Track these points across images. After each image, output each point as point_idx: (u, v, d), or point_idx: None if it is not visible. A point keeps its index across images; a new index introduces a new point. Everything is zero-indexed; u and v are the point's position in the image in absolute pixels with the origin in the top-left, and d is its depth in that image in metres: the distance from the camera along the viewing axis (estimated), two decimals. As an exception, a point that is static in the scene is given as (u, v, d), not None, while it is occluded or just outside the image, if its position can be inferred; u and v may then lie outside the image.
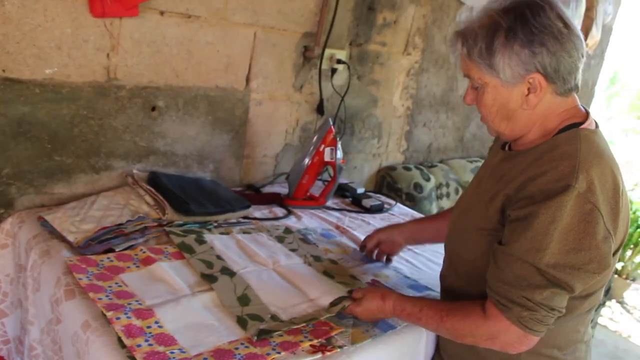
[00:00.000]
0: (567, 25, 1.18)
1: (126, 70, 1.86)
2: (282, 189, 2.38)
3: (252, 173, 2.42)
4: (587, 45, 2.96)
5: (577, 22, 1.39)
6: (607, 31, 4.05)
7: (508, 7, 1.20)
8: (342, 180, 2.52)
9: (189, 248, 1.64)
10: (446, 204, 3.18)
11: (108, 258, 1.53)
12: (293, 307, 1.44)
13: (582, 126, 1.25)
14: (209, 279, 1.49)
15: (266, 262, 1.66)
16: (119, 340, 1.20)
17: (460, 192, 3.29)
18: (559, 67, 1.19)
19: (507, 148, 1.40)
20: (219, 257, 1.63)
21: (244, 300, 1.43)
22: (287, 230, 1.94)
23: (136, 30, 1.83)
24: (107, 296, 1.34)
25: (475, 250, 1.35)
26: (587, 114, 1.29)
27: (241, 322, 1.33)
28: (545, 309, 1.17)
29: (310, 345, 1.30)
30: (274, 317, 1.38)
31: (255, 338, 1.27)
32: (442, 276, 1.56)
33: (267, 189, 2.38)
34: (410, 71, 2.93)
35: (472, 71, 1.26)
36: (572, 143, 1.22)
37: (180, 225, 1.78)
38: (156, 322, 1.28)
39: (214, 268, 1.56)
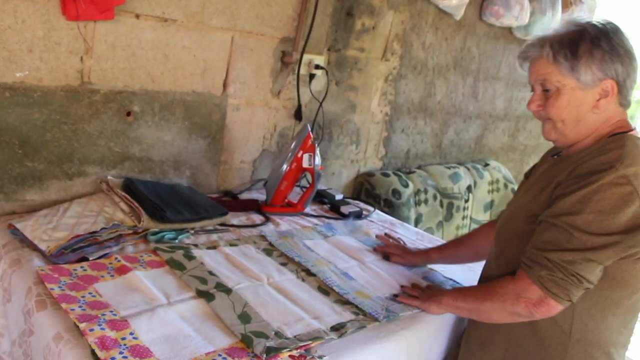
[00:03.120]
0: (632, 48, 1.36)
1: (100, 74, 1.82)
2: (259, 195, 2.35)
3: (230, 179, 2.39)
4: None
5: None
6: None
7: (591, 22, 1.37)
8: (321, 186, 2.50)
9: (178, 265, 1.60)
10: (424, 210, 3.18)
11: (81, 267, 1.49)
12: (295, 322, 1.42)
13: (630, 133, 1.39)
14: (205, 296, 1.46)
15: (260, 277, 1.63)
16: (93, 353, 1.16)
17: (439, 198, 3.30)
18: (627, 79, 1.36)
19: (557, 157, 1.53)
20: (211, 273, 1.59)
21: (245, 318, 1.40)
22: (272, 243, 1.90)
23: (111, 33, 1.80)
24: (80, 307, 1.30)
25: (527, 237, 1.42)
26: (634, 127, 1.44)
27: (246, 340, 1.30)
28: (563, 272, 1.29)
29: (289, 356, 1.28)
30: (278, 334, 1.36)
31: (265, 356, 1.25)
32: (485, 278, 1.62)
33: (245, 196, 2.35)
34: (388, 77, 2.93)
35: (551, 74, 1.38)
36: (620, 141, 1.36)
37: (156, 233, 1.75)
38: (131, 334, 1.24)
39: (209, 284, 1.52)
